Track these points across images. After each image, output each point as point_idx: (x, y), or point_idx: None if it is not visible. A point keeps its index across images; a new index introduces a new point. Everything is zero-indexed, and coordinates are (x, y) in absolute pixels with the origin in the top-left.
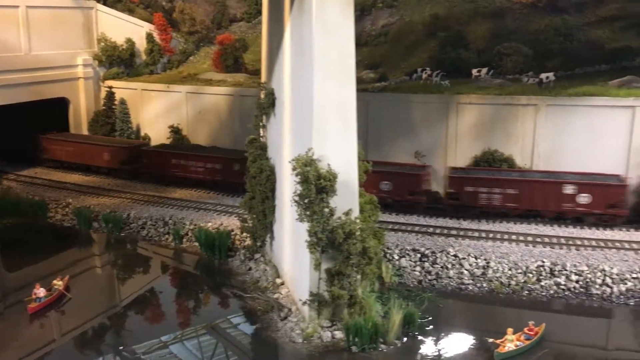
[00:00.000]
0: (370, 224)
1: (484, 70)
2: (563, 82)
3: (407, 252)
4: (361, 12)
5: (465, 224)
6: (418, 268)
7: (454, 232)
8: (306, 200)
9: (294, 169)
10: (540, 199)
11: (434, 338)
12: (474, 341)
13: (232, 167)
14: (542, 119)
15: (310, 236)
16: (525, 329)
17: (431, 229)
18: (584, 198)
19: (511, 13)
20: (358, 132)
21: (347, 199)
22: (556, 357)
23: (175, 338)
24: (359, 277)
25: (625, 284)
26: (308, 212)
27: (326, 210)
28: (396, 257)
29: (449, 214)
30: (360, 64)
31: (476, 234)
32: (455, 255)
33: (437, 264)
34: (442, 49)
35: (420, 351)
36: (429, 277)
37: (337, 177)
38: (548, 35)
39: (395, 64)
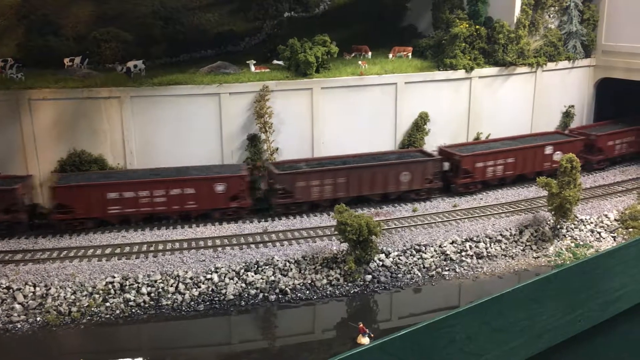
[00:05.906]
0: None
1: (78, 59)
2: (158, 71)
3: None
4: None
5: (42, 242)
6: None
7: (18, 256)
8: None
9: None
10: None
11: None
12: None
13: None
14: (129, 112)
15: None
16: None
17: None
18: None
19: None
20: None
21: None
22: None
23: None
24: None
25: (199, 287)
26: None
27: None
28: None
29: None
30: None
31: (46, 255)
32: (8, 287)
33: None
34: (29, 35)
35: None
36: None
37: None
38: (150, 20)
39: None
